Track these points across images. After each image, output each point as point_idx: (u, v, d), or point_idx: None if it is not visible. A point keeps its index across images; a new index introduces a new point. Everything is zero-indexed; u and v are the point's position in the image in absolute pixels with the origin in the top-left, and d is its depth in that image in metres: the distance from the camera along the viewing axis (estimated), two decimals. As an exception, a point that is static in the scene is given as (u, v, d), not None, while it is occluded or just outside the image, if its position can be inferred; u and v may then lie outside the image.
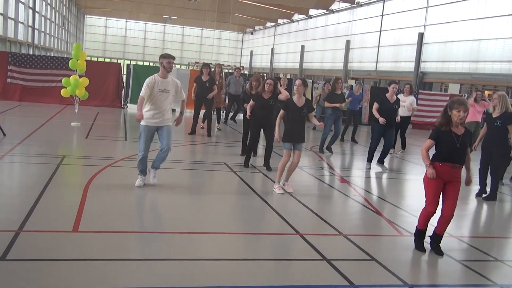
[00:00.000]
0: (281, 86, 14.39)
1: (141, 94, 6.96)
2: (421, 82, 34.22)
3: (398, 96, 12.41)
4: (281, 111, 7.52)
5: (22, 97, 17.51)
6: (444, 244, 5.70)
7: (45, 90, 17.72)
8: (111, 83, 18.62)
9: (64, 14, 56.46)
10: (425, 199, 5.49)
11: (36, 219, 5.33)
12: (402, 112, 12.25)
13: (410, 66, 35.97)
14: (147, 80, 6.95)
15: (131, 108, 18.80)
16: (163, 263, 4.55)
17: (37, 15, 39.43)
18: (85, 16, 75.11)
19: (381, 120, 9.95)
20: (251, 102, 9.38)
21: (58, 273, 4.14)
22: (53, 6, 48.69)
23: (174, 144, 11.78)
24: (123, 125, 14.83)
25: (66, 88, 12.93)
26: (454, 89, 31.87)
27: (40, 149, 9.48)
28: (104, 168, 8.08)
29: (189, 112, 19.75)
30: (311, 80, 23.01)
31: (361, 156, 12.11)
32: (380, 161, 10.42)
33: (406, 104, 12.87)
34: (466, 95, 22.29)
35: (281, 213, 6.43)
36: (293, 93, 8.58)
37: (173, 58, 7.10)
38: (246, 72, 37.08)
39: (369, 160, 10.46)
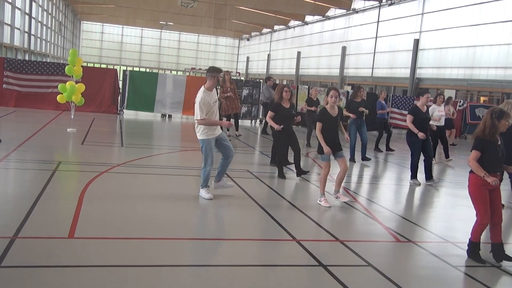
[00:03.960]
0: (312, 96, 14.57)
1: (200, 117, 6.91)
2: (416, 88, 34.32)
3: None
4: (319, 124, 7.33)
5: (18, 103, 17.45)
6: (440, 249, 5.72)
7: (41, 96, 17.67)
8: (107, 89, 18.59)
9: (60, 20, 56.39)
10: (476, 212, 5.43)
11: (31, 226, 5.30)
12: (439, 122, 12.18)
13: (406, 72, 36.08)
14: (202, 99, 6.93)
15: (127, 114, 18.79)
16: (161, 269, 4.52)
17: (33, 21, 39.35)
18: (81, 22, 75.06)
19: (421, 135, 9.39)
20: (271, 113, 9.13)
21: (54, 279, 4.12)
22: (50, 12, 48.63)
23: (169, 150, 11.78)
24: (119, 131, 14.80)
25: (62, 94, 12.90)
26: (449, 95, 31.95)
27: (36, 155, 9.44)
28: (100, 174, 8.06)
29: (185, 118, 19.77)
30: (307, 86, 23.11)
31: (362, 162, 12.10)
32: (429, 177, 9.85)
33: (443, 113, 12.57)
34: (462, 101, 22.39)
35: (277, 219, 6.42)
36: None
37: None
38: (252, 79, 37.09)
39: (414, 176, 9.77)
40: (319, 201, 7.43)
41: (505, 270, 5.33)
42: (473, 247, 5.48)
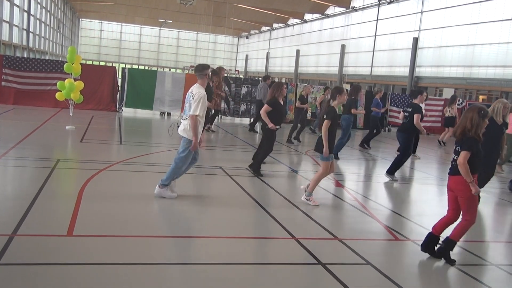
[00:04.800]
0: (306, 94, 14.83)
1: (199, 113, 6.59)
2: (415, 87, 34.33)
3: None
4: (328, 122, 7.13)
5: (16, 101, 17.41)
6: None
7: (39, 93, 17.64)
8: (106, 87, 18.55)
9: (59, 17, 56.29)
10: (466, 212, 5.31)
11: (30, 223, 5.30)
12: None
13: (405, 71, 36.09)
14: (205, 96, 6.65)
15: (126, 112, 18.77)
16: (159, 267, 4.53)
17: (32, 18, 39.27)
18: (80, 19, 74.93)
19: (425, 132, 9.65)
20: (268, 108, 8.84)
21: (52, 277, 4.12)
22: (48, 9, 48.55)
23: (168, 148, 11.77)
24: (118, 128, 14.79)
25: (61, 91, 12.89)
26: (448, 93, 31.97)
27: (35, 152, 9.43)
28: (99, 172, 8.05)
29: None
30: (306, 84, 23.09)
31: (359, 160, 12.11)
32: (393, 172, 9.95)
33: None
34: (461, 100, 22.37)
35: (276, 217, 6.42)
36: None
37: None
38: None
39: (393, 173, 9.86)
40: (307, 199, 7.24)
41: (502, 268, 5.34)
42: (451, 246, 5.37)
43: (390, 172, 9.78)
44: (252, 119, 17.94)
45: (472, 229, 7.29)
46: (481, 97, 31.03)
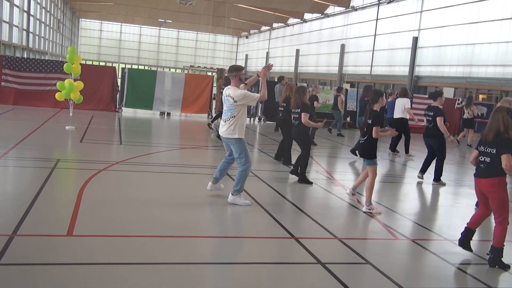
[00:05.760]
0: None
1: (258, 96, 6.93)
2: (415, 86, 34.36)
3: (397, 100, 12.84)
4: (378, 128, 7.07)
5: (16, 101, 17.41)
6: (439, 247, 5.73)
7: (39, 93, 17.63)
8: (106, 87, 18.55)
9: (59, 17, 56.29)
10: (500, 213, 5.23)
11: (30, 223, 5.30)
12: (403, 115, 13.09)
13: (404, 70, 36.10)
14: (246, 92, 6.88)
15: (126, 112, 18.77)
16: (160, 266, 4.53)
17: (31, 18, 39.27)
18: (80, 19, 74.93)
19: (451, 139, 9.59)
20: (307, 114, 8.73)
21: (52, 277, 4.12)
22: (48, 9, 48.54)
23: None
24: (118, 129, 14.79)
25: (61, 91, 12.89)
26: (448, 93, 31.98)
27: (34, 153, 9.44)
28: (99, 172, 8.05)
29: (184, 116, 19.76)
30: (305, 84, 23.10)
31: (360, 160, 12.11)
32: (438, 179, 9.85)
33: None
34: (461, 99, 22.36)
35: (276, 216, 6.42)
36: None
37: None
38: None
39: (439, 178, 9.78)
40: (369, 209, 7.09)
41: (504, 268, 5.33)
42: (499, 253, 5.23)
43: (436, 179, 9.77)
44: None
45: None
46: (481, 96, 31.02)
